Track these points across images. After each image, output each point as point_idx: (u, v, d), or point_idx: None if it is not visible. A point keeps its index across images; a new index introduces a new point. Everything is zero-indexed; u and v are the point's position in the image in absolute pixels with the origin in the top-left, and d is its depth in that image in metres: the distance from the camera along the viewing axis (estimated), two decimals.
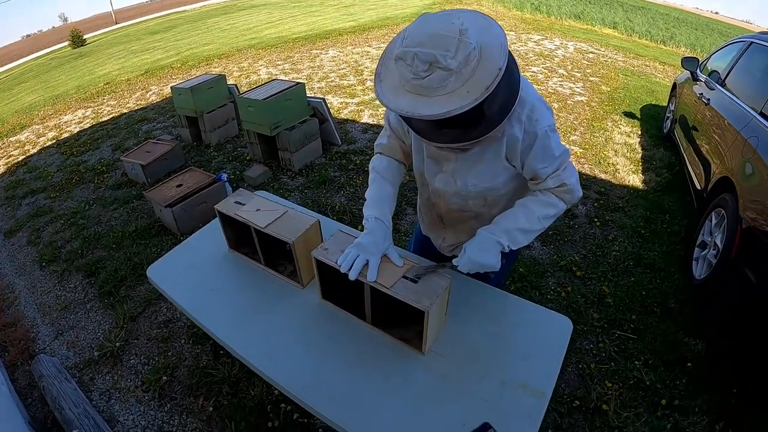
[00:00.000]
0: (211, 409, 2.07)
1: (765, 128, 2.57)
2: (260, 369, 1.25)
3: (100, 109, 6.74)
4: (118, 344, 2.43)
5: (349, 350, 1.30)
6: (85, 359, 2.41)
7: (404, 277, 1.19)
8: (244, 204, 1.55)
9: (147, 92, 7.21)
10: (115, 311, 2.66)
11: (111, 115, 6.30)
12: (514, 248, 1.24)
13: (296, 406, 2.00)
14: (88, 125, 6.06)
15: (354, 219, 3.43)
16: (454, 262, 1.25)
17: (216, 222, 1.89)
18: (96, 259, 3.11)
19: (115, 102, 6.98)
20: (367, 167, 1.49)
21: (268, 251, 1.56)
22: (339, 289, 1.36)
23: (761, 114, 2.70)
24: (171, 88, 4.69)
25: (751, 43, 3.56)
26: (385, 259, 1.25)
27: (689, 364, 2.30)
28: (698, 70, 4.36)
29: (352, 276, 1.18)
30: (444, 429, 1.11)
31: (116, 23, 19.59)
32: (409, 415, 1.14)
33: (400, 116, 1.12)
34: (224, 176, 3.62)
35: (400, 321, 1.33)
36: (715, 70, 3.95)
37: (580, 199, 1.30)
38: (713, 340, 2.44)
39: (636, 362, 2.32)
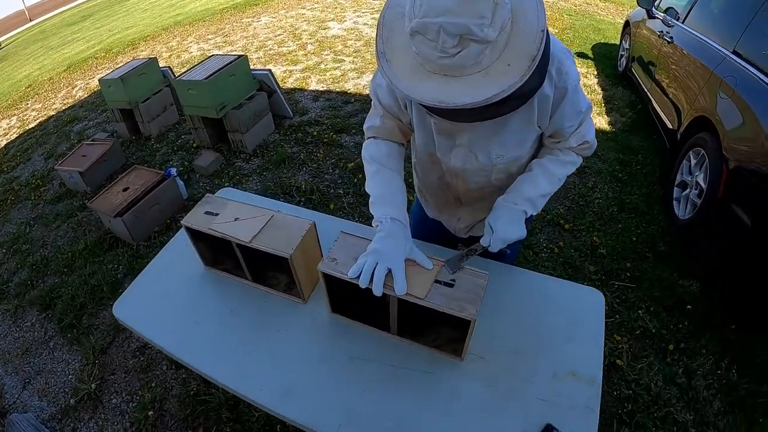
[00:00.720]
0: None
1: (741, 68, 2.54)
2: (280, 412, 1.06)
3: (25, 115, 6.07)
4: (93, 385, 2.15)
5: (378, 368, 1.12)
6: (62, 407, 2.13)
7: (436, 281, 1.01)
8: (217, 214, 1.29)
9: (73, 89, 6.55)
10: (82, 345, 2.36)
11: (38, 120, 5.67)
12: (534, 213, 1.16)
13: None
14: (15, 135, 5.44)
15: (323, 197, 3.22)
16: (483, 242, 1.12)
17: (179, 237, 1.64)
18: (49, 289, 2.77)
19: (40, 105, 6.30)
20: (326, 138, 1.28)
21: (254, 264, 1.33)
22: (351, 299, 1.17)
23: (734, 53, 2.67)
24: (99, 80, 4.20)
25: None
26: (409, 262, 1.05)
27: (688, 306, 2.34)
28: (654, 7, 4.31)
29: (377, 292, 0.98)
30: None
31: (30, 20, 17.82)
32: (463, 431, 1.00)
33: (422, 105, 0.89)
34: (173, 171, 3.28)
35: (428, 326, 1.16)
36: (671, 7, 3.90)
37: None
38: (705, 279, 2.49)
39: (639, 311, 2.33)
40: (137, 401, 2.07)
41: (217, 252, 1.44)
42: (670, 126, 3.28)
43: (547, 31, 0.87)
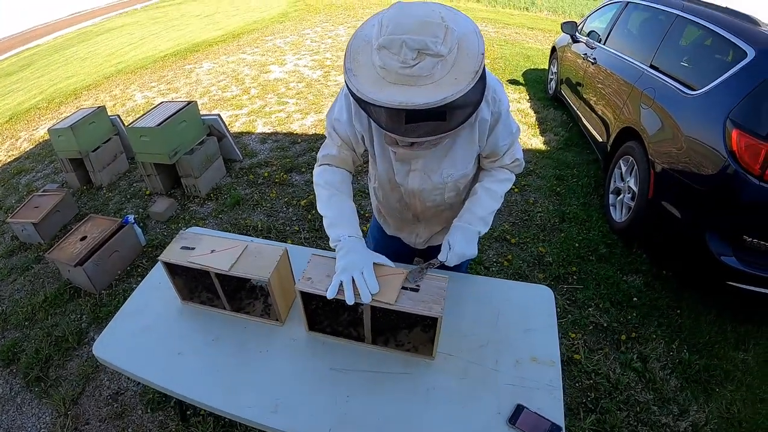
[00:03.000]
0: None
1: (659, 79, 2.84)
2: (271, 426, 1.13)
3: None
4: None
5: (358, 375, 1.22)
6: None
7: (403, 287, 1.14)
8: (193, 248, 1.38)
9: (17, 140, 6.33)
10: (52, 398, 2.29)
11: None
12: (485, 231, 1.34)
13: None
14: None
15: (279, 235, 3.30)
16: (440, 258, 1.28)
17: (153, 275, 1.70)
18: (10, 344, 2.66)
19: None
20: (277, 178, 1.41)
21: (230, 293, 1.42)
22: (326, 316, 1.28)
23: (652, 67, 2.98)
24: (48, 130, 4.13)
25: (627, 3, 3.90)
26: (377, 271, 1.17)
27: (634, 299, 2.57)
28: (577, 32, 4.70)
29: (349, 300, 1.10)
30: (482, 424, 1.10)
31: None
32: (443, 421, 1.11)
33: (368, 113, 1.02)
34: (131, 218, 3.28)
35: (398, 332, 1.28)
36: (593, 31, 4.28)
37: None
38: (647, 273, 2.74)
39: (589, 309, 2.53)
40: None
41: (193, 286, 1.51)
42: (600, 139, 3.58)
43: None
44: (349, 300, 1.10)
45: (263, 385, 1.23)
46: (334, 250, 1.23)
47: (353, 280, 1.11)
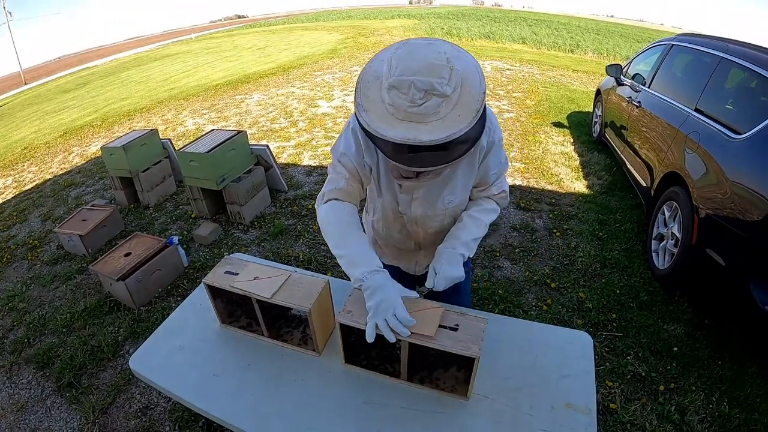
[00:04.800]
0: None
1: (703, 123, 2.79)
2: None
3: (21, 176, 6.19)
4: None
5: (391, 411, 1.21)
6: None
7: (441, 326, 1.14)
8: (237, 273, 1.42)
9: (69, 154, 6.72)
10: (81, 405, 2.35)
11: (34, 183, 5.79)
12: (470, 256, 1.35)
13: None
14: (11, 195, 5.53)
15: (320, 267, 3.34)
16: (427, 285, 1.29)
17: (194, 296, 1.75)
18: (46, 348, 2.77)
19: (36, 168, 6.43)
20: None
21: (269, 320, 1.44)
22: (363, 350, 1.28)
23: (696, 110, 2.94)
24: (101, 148, 4.37)
25: (672, 45, 3.88)
26: (414, 309, 1.17)
27: (675, 348, 2.47)
28: (622, 75, 4.69)
29: (391, 339, 1.10)
30: None
31: (26, 83, 18.27)
32: None
33: (377, 145, 1.07)
34: (175, 239, 3.40)
35: (434, 370, 1.27)
36: (638, 74, 4.26)
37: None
38: (688, 322, 2.63)
39: (628, 357, 2.44)
40: None
41: (232, 310, 1.55)
42: (644, 184, 3.51)
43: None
44: (390, 339, 1.11)
45: (295, 414, 1.23)
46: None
47: (387, 322, 1.12)
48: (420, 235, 1.45)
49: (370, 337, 1.12)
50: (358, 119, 1.04)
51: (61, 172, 5.96)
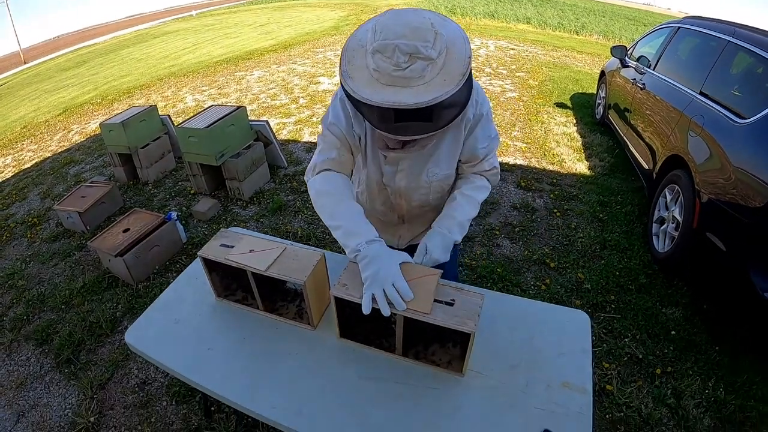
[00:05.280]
0: None
1: (708, 106, 2.75)
2: (293, 428, 1.12)
3: (21, 155, 6.16)
4: (91, 419, 2.15)
5: (386, 386, 1.20)
6: None
7: (437, 301, 1.12)
8: (232, 246, 1.40)
9: (68, 132, 6.67)
10: (80, 381, 2.36)
11: (33, 161, 5.76)
12: (461, 238, 1.34)
13: None
14: (10, 174, 5.51)
15: (318, 243, 3.33)
16: (416, 260, 1.28)
17: (191, 270, 1.74)
18: (45, 324, 2.78)
19: (35, 146, 6.40)
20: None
21: (264, 294, 1.43)
22: (359, 324, 1.27)
23: (701, 94, 2.90)
24: (100, 124, 4.33)
25: (679, 28, 3.81)
26: (410, 280, 1.15)
27: (672, 332, 2.47)
28: (627, 57, 4.62)
29: (385, 313, 1.09)
30: None
31: (25, 63, 18.10)
32: None
33: (362, 113, 1.08)
34: (174, 215, 3.39)
35: (430, 345, 1.26)
36: (643, 56, 4.20)
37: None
38: (687, 306, 2.63)
39: (625, 339, 2.44)
40: None
41: (228, 283, 1.53)
42: (646, 167, 3.48)
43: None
44: (385, 312, 1.09)
45: (289, 388, 1.22)
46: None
47: (384, 292, 1.10)
48: (403, 207, 1.45)
49: (366, 308, 1.10)
50: (343, 87, 1.04)
51: (60, 150, 5.93)
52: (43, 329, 2.74)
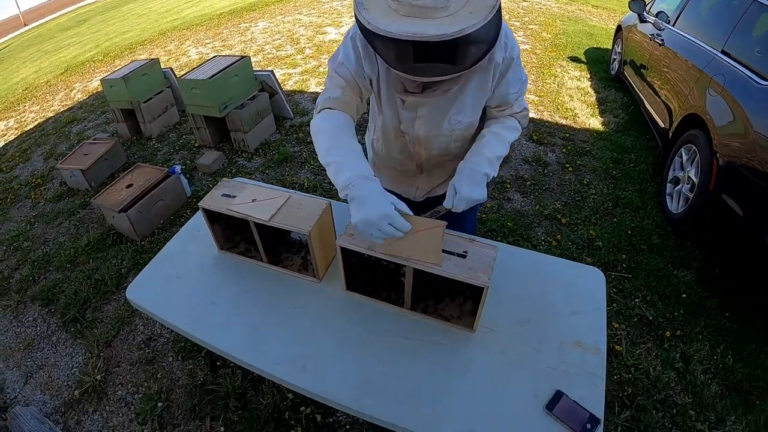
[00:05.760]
0: (222, 429, 1.88)
1: (730, 66, 2.63)
2: (297, 385, 1.10)
3: (23, 117, 6.05)
4: (98, 376, 2.15)
5: (393, 341, 1.16)
6: (65, 400, 2.12)
7: (445, 251, 1.06)
8: (234, 196, 1.34)
9: (71, 91, 6.54)
10: (86, 339, 2.36)
11: (36, 122, 5.66)
12: (494, 176, 1.22)
13: (317, 406, 1.87)
14: (13, 136, 5.42)
15: (325, 195, 3.26)
16: (446, 204, 1.17)
17: (193, 223, 1.69)
18: (51, 284, 2.76)
19: (37, 107, 6.27)
20: None
21: (268, 245, 1.38)
22: (365, 276, 1.22)
23: (723, 52, 2.76)
24: (101, 80, 4.22)
25: None
26: (417, 227, 1.06)
27: (683, 295, 2.41)
28: (645, 12, 4.41)
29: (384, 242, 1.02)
30: (517, 405, 1.03)
31: (25, 25, 17.71)
32: (476, 399, 1.05)
33: (378, 51, 0.98)
34: (178, 168, 3.31)
35: (439, 300, 1.21)
36: (662, 11, 4.00)
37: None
38: (698, 269, 2.56)
39: (636, 300, 2.40)
40: (143, 393, 2.08)
41: (231, 235, 1.49)
42: (662, 125, 3.36)
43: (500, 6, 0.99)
44: (380, 237, 1.01)
45: (294, 342, 1.19)
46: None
47: (381, 232, 1.01)
48: (422, 156, 1.34)
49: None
50: (357, 19, 0.94)
51: (62, 110, 5.82)
52: (48, 289, 2.73)
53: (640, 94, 4.03)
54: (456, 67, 0.93)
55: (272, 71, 4.06)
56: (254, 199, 1.29)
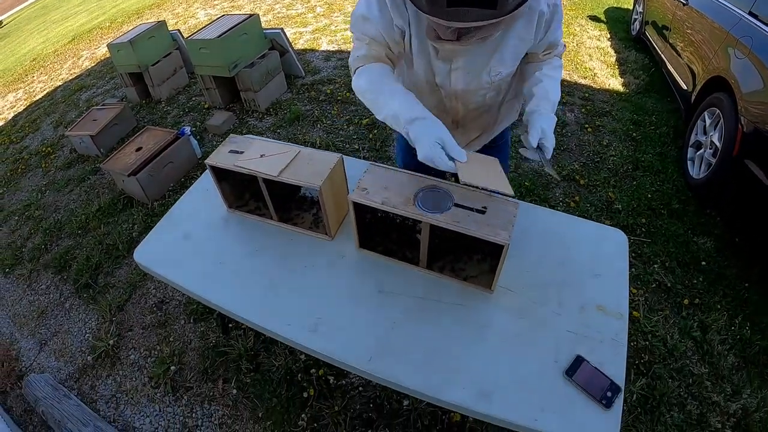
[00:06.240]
0: (234, 390, 1.89)
1: (757, 28, 2.50)
2: (309, 346, 1.07)
3: (31, 87, 6.01)
4: (111, 341, 2.16)
5: (407, 301, 1.12)
6: (79, 366, 2.14)
7: (463, 207, 1.00)
8: (242, 152, 1.28)
9: (79, 59, 6.46)
10: (98, 304, 2.37)
11: (45, 92, 5.61)
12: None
13: (330, 368, 1.86)
14: (23, 107, 5.39)
15: (338, 152, 3.20)
16: (531, 139, 1.08)
17: (201, 182, 1.65)
18: (63, 251, 2.77)
19: (46, 77, 6.22)
20: (340, 96, 1.22)
21: (278, 202, 1.33)
22: (379, 234, 1.17)
23: (750, 14, 2.63)
24: (108, 46, 4.15)
25: None
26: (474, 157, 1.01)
27: (703, 263, 2.35)
28: None
29: (446, 166, 0.95)
30: (536, 369, 1.00)
31: None
32: (495, 362, 1.01)
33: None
34: (187, 129, 3.26)
35: (457, 258, 1.17)
36: None
37: None
38: (719, 237, 2.49)
39: (654, 265, 2.34)
40: (156, 356, 2.09)
41: (240, 192, 1.44)
42: (684, 87, 3.25)
43: None
44: (445, 165, 0.95)
45: (305, 303, 1.15)
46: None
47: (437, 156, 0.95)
48: (459, 112, 1.26)
49: (422, 156, 0.97)
50: None
51: (71, 78, 5.77)
52: (61, 256, 2.73)
53: (662, 56, 3.88)
54: (495, 12, 0.82)
55: (282, 29, 3.94)
56: (263, 155, 1.24)
